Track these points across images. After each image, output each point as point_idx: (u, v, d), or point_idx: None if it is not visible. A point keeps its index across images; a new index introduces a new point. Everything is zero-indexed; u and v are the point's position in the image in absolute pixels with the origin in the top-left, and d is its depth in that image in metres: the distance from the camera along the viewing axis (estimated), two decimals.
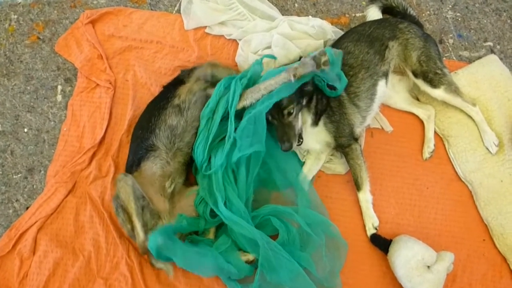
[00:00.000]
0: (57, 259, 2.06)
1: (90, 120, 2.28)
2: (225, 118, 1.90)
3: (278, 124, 1.91)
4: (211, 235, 1.98)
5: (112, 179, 2.16)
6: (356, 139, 2.06)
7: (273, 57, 2.15)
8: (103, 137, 2.25)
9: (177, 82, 2.09)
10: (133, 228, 1.86)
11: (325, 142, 2.06)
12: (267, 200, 2.01)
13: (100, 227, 2.10)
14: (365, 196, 2.06)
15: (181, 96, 1.99)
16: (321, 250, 1.89)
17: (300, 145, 1.98)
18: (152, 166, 1.93)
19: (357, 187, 2.07)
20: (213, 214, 1.93)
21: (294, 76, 1.80)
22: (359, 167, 2.04)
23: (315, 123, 2.03)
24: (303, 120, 2.00)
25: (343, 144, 2.04)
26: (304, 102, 1.95)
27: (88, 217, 2.13)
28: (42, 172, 2.26)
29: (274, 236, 1.94)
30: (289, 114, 1.88)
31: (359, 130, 2.09)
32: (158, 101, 2.03)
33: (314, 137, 2.05)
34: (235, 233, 1.88)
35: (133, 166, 1.96)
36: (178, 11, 2.50)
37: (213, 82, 2.02)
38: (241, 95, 1.87)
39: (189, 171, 2.08)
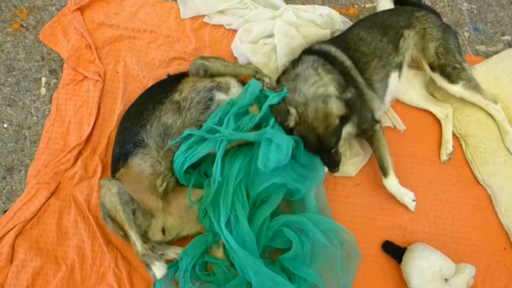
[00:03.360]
0: (37, 269, 1.89)
1: (76, 116, 2.11)
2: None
3: (323, 155, 1.75)
4: (220, 252, 1.79)
5: (100, 180, 1.98)
6: (377, 121, 1.92)
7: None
8: (90, 134, 2.07)
9: (183, 75, 1.91)
10: (126, 235, 1.70)
11: (346, 134, 1.88)
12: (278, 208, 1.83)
13: (86, 233, 1.92)
14: (393, 181, 1.89)
15: (183, 92, 1.80)
16: (335, 262, 1.71)
17: None
18: (141, 164, 1.75)
19: (384, 172, 1.90)
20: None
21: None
22: (384, 148, 1.89)
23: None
24: None
25: (367, 128, 1.89)
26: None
27: (72, 222, 1.95)
28: (23, 172, 2.07)
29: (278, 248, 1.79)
30: (335, 146, 1.73)
31: (379, 114, 1.96)
32: (155, 93, 1.84)
33: None
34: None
35: (120, 161, 1.78)
36: None
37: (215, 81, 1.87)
38: None
39: None
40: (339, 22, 2.16)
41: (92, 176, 2.01)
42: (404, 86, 2.07)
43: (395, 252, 1.88)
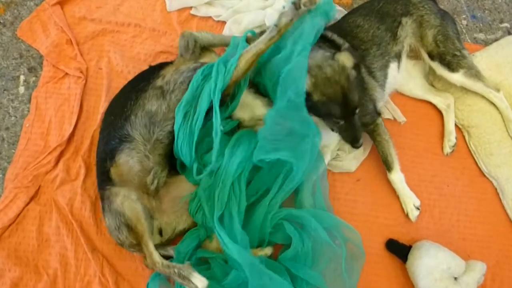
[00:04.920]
0: (15, 280, 1.75)
1: (57, 115, 1.98)
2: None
3: (346, 124, 1.64)
4: (214, 245, 1.68)
5: (83, 183, 1.85)
6: (379, 114, 1.84)
7: (253, 33, 1.84)
8: (72, 134, 1.94)
9: (165, 64, 1.80)
10: (137, 244, 1.59)
11: None
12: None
13: (69, 240, 1.79)
14: (398, 176, 1.82)
15: (166, 76, 1.69)
16: (339, 262, 1.59)
17: None
18: (128, 160, 1.63)
19: (388, 167, 1.82)
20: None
21: (279, 31, 1.56)
22: (387, 143, 1.82)
23: None
24: None
25: (368, 121, 1.80)
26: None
27: (54, 229, 1.82)
28: (0, 176, 1.93)
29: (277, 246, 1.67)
30: (359, 105, 1.64)
31: (380, 104, 1.87)
32: (138, 83, 1.73)
33: None
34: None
35: (106, 159, 1.66)
36: None
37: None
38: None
39: (173, 161, 1.76)
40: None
41: (74, 179, 1.88)
42: (403, 77, 1.99)
43: (399, 250, 1.79)
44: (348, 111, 1.60)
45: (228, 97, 1.65)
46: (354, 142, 1.68)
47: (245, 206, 1.61)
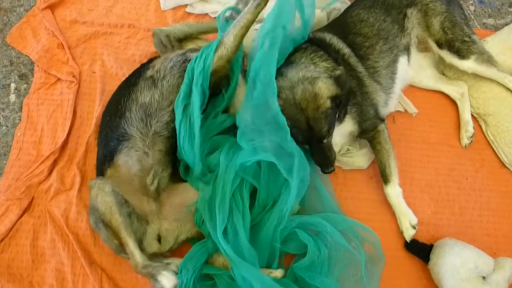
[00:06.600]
0: None
1: (50, 122, 1.89)
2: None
3: (314, 149, 1.53)
4: (220, 260, 1.55)
5: (78, 193, 1.75)
6: (382, 120, 1.71)
7: (236, 9, 1.76)
8: (66, 141, 1.85)
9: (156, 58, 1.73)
10: (121, 244, 1.47)
11: (348, 133, 1.70)
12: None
13: (65, 254, 1.68)
14: (395, 190, 1.68)
15: (155, 66, 1.61)
16: (358, 268, 1.47)
17: None
18: (127, 160, 1.53)
19: (384, 179, 1.69)
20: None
21: None
22: (387, 153, 1.68)
23: (342, 119, 1.64)
24: None
25: (369, 127, 1.68)
26: (341, 113, 1.57)
27: (49, 242, 1.71)
28: None
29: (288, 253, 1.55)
30: (329, 136, 1.52)
31: (384, 110, 1.75)
32: (129, 79, 1.65)
33: (337, 131, 1.65)
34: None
35: (105, 162, 1.57)
36: None
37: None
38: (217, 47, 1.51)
39: (176, 163, 1.66)
40: (336, 1, 1.97)
41: (69, 188, 1.77)
42: (412, 69, 1.89)
43: (420, 250, 1.68)
44: (312, 139, 1.49)
45: (223, 83, 1.55)
46: (323, 167, 1.55)
47: (250, 220, 1.50)
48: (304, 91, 1.46)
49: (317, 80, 1.47)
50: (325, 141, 1.51)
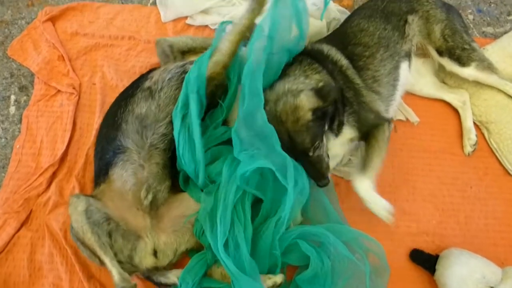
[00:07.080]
0: None
1: (49, 134, 1.87)
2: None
3: (303, 162, 1.49)
4: (221, 269, 1.51)
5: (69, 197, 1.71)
6: (386, 120, 1.63)
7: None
8: (65, 153, 1.83)
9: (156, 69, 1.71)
10: (101, 261, 1.44)
11: (347, 141, 1.66)
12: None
13: (63, 268, 1.64)
14: (366, 183, 1.54)
15: (153, 77, 1.60)
16: (362, 279, 1.43)
17: None
18: (122, 174, 1.50)
19: (360, 168, 1.57)
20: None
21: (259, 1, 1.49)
22: (378, 150, 1.56)
23: (339, 132, 1.60)
24: (326, 139, 1.55)
25: (369, 126, 1.61)
26: (327, 126, 1.51)
27: (47, 256, 1.67)
28: None
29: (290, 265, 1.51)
30: (315, 149, 1.46)
31: (389, 114, 1.72)
32: (127, 90, 1.64)
33: (336, 142, 1.62)
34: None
35: (100, 176, 1.54)
36: (154, 3, 2.17)
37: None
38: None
39: (175, 175, 1.64)
40: (335, 11, 1.99)
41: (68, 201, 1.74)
42: (413, 76, 1.88)
43: (426, 261, 1.64)
44: (296, 152, 1.45)
45: (220, 92, 1.54)
46: (317, 179, 1.49)
47: (251, 232, 1.46)
48: (285, 104, 1.43)
49: (300, 93, 1.44)
50: (311, 153, 1.45)
